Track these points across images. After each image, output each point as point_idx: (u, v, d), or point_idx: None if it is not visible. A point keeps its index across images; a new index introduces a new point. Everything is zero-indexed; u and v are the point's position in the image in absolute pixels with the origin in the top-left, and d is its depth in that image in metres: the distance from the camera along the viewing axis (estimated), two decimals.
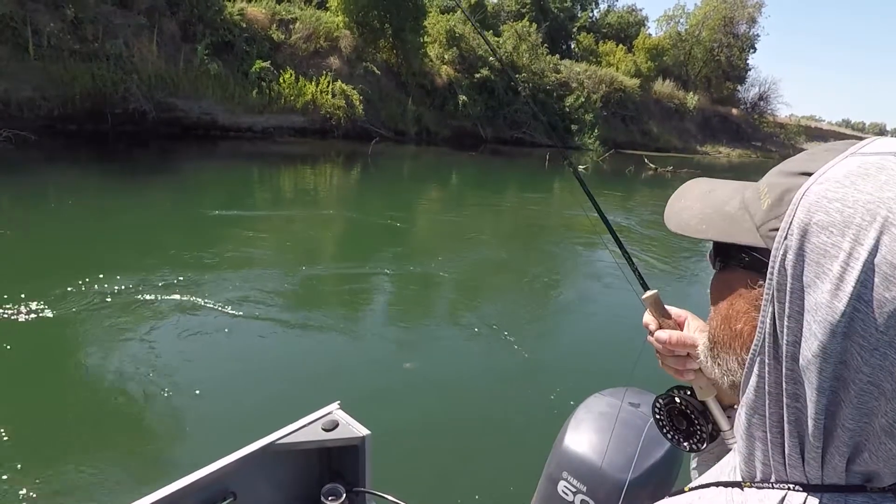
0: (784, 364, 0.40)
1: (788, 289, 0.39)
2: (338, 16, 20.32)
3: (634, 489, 1.43)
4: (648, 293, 0.80)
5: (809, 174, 0.41)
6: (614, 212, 11.89)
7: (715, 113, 41.84)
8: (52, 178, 9.01)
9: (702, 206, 0.51)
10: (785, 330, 0.40)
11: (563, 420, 1.68)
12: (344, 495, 1.43)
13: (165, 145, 13.77)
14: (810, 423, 0.39)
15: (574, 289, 6.92)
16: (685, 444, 0.78)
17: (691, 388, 0.77)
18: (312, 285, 5.57)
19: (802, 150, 0.51)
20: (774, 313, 0.41)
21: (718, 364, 0.52)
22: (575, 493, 1.49)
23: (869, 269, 0.35)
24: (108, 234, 6.56)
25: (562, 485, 1.52)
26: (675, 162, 24.88)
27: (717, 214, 0.49)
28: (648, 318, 0.80)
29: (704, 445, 0.76)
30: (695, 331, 0.74)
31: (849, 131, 72.33)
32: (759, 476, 0.45)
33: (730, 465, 0.53)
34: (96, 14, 13.70)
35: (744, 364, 0.45)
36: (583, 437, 1.56)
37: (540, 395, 3.76)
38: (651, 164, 21.78)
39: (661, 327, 0.78)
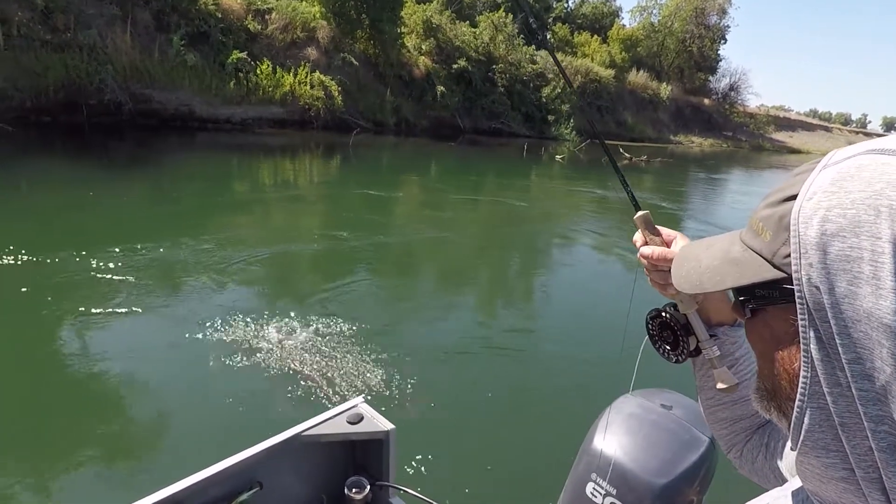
0: (854, 386, 0.37)
1: (827, 305, 0.37)
2: (314, 6, 20.18)
3: (666, 494, 1.39)
4: (639, 213, 0.84)
5: (794, 196, 0.41)
6: (595, 189, 12.32)
7: (687, 103, 42.65)
8: (25, 171, 8.85)
9: (707, 262, 0.51)
10: (840, 349, 0.37)
11: (592, 420, 1.63)
12: (368, 488, 1.44)
13: (143, 137, 13.57)
14: None
15: (604, 283, 6.62)
16: (672, 355, 0.84)
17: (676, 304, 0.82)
18: (319, 276, 5.44)
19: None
20: (820, 337, 0.38)
21: (785, 413, 0.45)
22: (604, 496, 1.44)
23: None
24: (93, 225, 6.49)
25: (590, 486, 1.48)
26: (650, 151, 25.41)
27: (725, 263, 0.48)
28: (638, 236, 0.83)
29: (684, 358, 0.82)
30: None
31: (816, 121, 74.09)
32: None
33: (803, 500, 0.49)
34: (67, 4, 13.41)
35: None
36: (612, 438, 1.51)
37: (567, 393, 3.71)
38: (626, 154, 22.19)
39: (647, 244, 0.82)
